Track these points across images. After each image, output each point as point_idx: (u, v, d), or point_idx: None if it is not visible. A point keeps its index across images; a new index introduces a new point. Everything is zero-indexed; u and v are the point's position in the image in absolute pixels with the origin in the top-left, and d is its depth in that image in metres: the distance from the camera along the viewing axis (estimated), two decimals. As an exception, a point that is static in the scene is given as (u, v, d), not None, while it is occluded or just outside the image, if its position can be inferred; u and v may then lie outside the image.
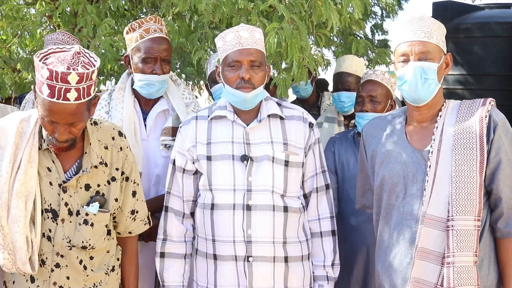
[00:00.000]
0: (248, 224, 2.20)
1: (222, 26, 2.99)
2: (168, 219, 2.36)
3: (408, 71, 2.05)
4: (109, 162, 2.09)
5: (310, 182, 2.35)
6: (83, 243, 2.02)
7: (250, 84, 2.20)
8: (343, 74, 3.47)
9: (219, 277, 2.25)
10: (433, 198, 2.02)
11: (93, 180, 2.05)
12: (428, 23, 2.10)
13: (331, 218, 2.37)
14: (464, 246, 1.97)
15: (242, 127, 2.27)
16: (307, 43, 2.73)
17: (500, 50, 5.18)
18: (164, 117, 2.69)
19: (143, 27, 2.59)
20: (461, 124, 2.05)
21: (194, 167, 2.32)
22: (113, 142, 2.11)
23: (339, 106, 3.49)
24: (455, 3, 5.34)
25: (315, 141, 2.34)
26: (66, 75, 1.82)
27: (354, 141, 2.98)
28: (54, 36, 3.23)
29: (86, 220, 2.02)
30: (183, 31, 3.19)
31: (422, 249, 2.02)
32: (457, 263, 1.96)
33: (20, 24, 3.45)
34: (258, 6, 2.71)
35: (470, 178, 1.99)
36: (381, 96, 2.89)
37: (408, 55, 2.07)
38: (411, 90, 2.06)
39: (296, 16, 2.76)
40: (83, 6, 3.33)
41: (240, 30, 2.23)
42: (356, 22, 3.93)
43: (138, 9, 4.22)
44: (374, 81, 2.92)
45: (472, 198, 1.98)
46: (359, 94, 2.95)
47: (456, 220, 1.97)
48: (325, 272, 2.35)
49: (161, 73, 2.57)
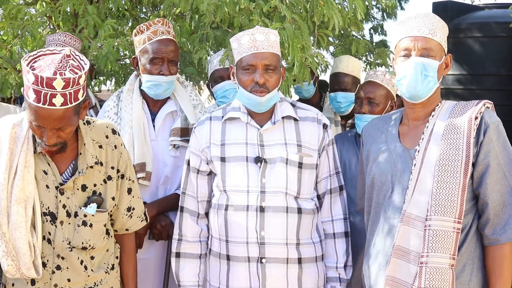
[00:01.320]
0: (261, 226, 2.20)
1: (223, 26, 2.99)
2: (183, 219, 2.37)
3: (409, 66, 2.03)
4: (104, 161, 2.08)
5: (324, 183, 2.35)
6: (83, 244, 2.02)
7: (264, 88, 2.21)
8: (339, 75, 3.48)
9: (232, 278, 2.26)
10: (414, 197, 1.99)
11: (89, 180, 2.04)
12: (433, 20, 2.08)
13: (345, 220, 2.38)
14: (440, 247, 1.93)
15: (256, 129, 2.28)
16: (308, 43, 2.73)
17: (500, 50, 5.17)
18: (172, 118, 2.72)
19: (151, 29, 2.63)
20: (450, 124, 2.02)
21: (208, 167, 2.32)
22: (107, 140, 2.10)
23: (336, 106, 3.49)
24: (455, 3, 5.34)
25: (329, 143, 2.34)
26: (51, 80, 1.79)
27: (356, 141, 2.98)
28: (56, 37, 3.24)
29: (85, 222, 2.02)
30: (184, 31, 3.19)
31: (399, 248, 2.00)
32: (430, 264, 1.93)
33: (21, 24, 3.44)
34: (260, 6, 2.71)
35: (453, 179, 1.95)
36: (379, 97, 2.88)
37: (410, 50, 2.05)
38: (410, 86, 2.04)
39: (297, 16, 2.77)
40: (83, 6, 3.32)
41: (256, 33, 2.23)
42: (355, 23, 3.94)
43: (138, 10, 4.21)
44: (374, 83, 2.91)
45: (453, 199, 1.94)
46: (357, 95, 2.94)
47: (434, 220, 1.94)
48: (337, 273, 2.35)
49: (168, 74, 2.61)
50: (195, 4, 2.80)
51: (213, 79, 3.12)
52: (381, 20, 5.46)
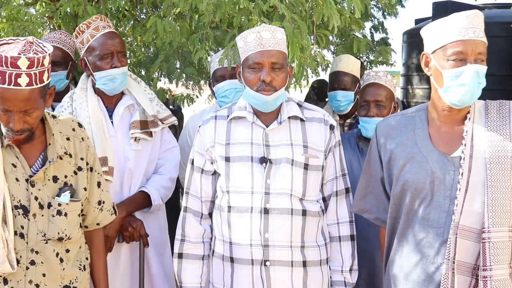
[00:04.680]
0: (265, 228, 2.18)
1: (223, 26, 2.99)
2: (186, 219, 2.34)
3: (468, 75, 1.90)
4: (73, 152, 2.10)
5: (330, 185, 2.31)
6: (59, 234, 2.02)
7: (271, 87, 2.18)
8: (339, 73, 3.47)
9: (236, 280, 2.24)
10: (465, 207, 1.92)
11: (60, 172, 2.05)
12: (482, 20, 1.96)
13: (350, 223, 2.34)
14: (501, 258, 1.90)
15: (262, 129, 2.25)
16: (308, 43, 2.73)
17: (500, 50, 5.16)
18: (129, 113, 2.74)
19: (91, 27, 2.65)
20: (492, 129, 1.95)
21: (212, 167, 2.30)
22: (74, 133, 2.12)
23: (335, 105, 3.48)
24: (455, 3, 5.33)
25: (335, 144, 2.31)
26: (15, 59, 1.81)
27: (357, 144, 2.95)
28: (52, 35, 3.24)
29: (60, 211, 2.03)
30: (184, 31, 3.19)
31: (459, 262, 1.93)
32: (494, 277, 1.88)
33: (21, 25, 3.45)
34: (259, 6, 2.71)
35: (504, 188, 1.91)
36: (386, 100, 2.85)
37: (466, 54, 1.91)
38: (467, 95, 1.92)
39: (296, 15, 2.76)
40: (83, 7, 3.33)
41: (262, 30, 2.19)
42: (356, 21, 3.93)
43: (138, 10, 4.21)
44: (379, 84, 2.87)
45: (507, 209, 1.90)
46: (364, 98, 2.89)
47: (493, 232, 1.89)
48: (342, 277, 2.32)
49: (120, 66, 2.63)
50: (194, 4, 2.80)
51: (214, 78, 3.13)
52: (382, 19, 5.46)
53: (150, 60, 3.91)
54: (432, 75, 2.04)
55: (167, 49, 3.41)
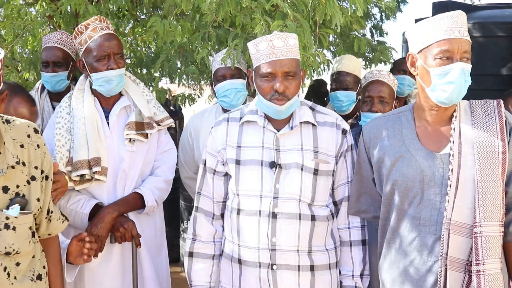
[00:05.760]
0: (273, 232, 2.18)
1: (225, 25, 2.99)
2: (197, 219, 2.35)
3: (455, 73, 1.92)
4: (27, 161, 1.94)
5: (342, 190, 2.30)
6: (6, 249, 1.88)
7: (284, 96, 2.16)
8: (341, 73, 3.46)
9: (244, 282, 2.24)
10: (457, 203, 1.94)
11: (11, 182, 1.89)
12: (465, 20, 1.99)
13: (362, 228, 2.32)
14: (492, 253, 1.90)
15: (273, 133, 2.24)
16: (310, 42, 2.72)
17: (499, 50, 5.18)
18: (126, 114, 2.74)
19: (89, 28, 2.64)
20: (479, 127, 1.97)
21: (224, 168, 2.30)
22: (29, 140, 1.97)
23: (337, 105, 3.47)
24: (455, 3, 5.34)
25: (347, 148, 2.29)
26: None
27: (356, 140, 2.96)
28: (53, 35, 3.23)
29: (7, 224, 1.88)
30: (186, 30, 3.18)
31: (451, 258, 1.94)
32: (487, 271, 1.89)
33: (21, 24, 3.44)
34: (262, 5, 2.71)
35: (494, 183, 1.91)
36: (389, 97, 2.90)
37: (453, 53, 1.93)
38: (455, 93, 1.94)
39: (299, 14, 2.76)
40: (84, 6, 3.32)
41: (274, 39, 2.16)
42: (357, 21, 3.92)
43: (139, 10, 4.20)
44: (382, 82, 2.92)
45: (497, 203, 1.91)
46: (368, 94, 2.93)
47: (484, 227, 1.90)
48: (353, 282, 2.30)
49: (116, 68, 2.62)
50: (196, 3, 2.80)
51: (215, 78, 3.12)
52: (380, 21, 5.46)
53: (151, 60, 3.91)
54: (418, 74, 2.05)
55: (169, 48, 3.40)
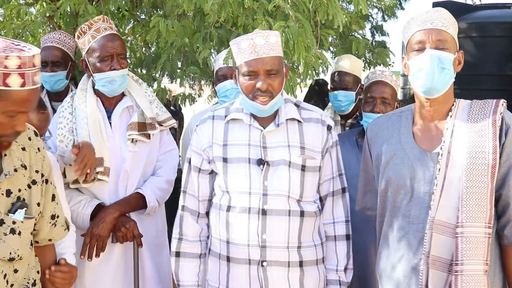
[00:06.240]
0: (263, 229, 2.18)
1: (227, 26, 2.99)
2: (184, 218, 2.34)
3: (425, 59, 1.96)
4: (28, 164, 1.89)
5: (327, 185, 2.31)
6: (11, 254, 1.81)
7: (267, 93, 2.16)
8: (341, 73, 3.46)
9: (232, 279, 2.24)
10: (441, 202, 1.93)
11: (14, 185, 1.84)
12: (445, 15, 2.03)
13: (346, 223, 2.33)
14: (474, 254, 1.88)
15: (259, 130, 2.24)
16: (312, 42, 2.72)
17: (499, 50, 5.19)
18: (129, 114, 2.73)
19: (93, 28, 2.64)
20: (473, 126, 1.96)
21: (210, 167, 2.30)
22: (30, 142, 1.92)
23: (336, 105, 3.47)
24: (455, 3, 5.35)
25: (332, 144, 2.30)
26: None
27: (357, 141, 2.96)
28: (52, 35, 3.22)
29: (13, 229, 1.82)
30: (187, 30, 3.18)
31: (433, 257, 1.94)
32: (465, 272, 1.88)
33: (21, 24, 3.43)
34: (263, 6, 2.71)
35: (481, 183, 1.90)
36: (391, 98, 2.89)
37: (424, 42, 1.98)
38: (427, 79, 1.96)
39: (300, 15, 2.76)
40: (83, 6, 3.31)
41: (255, 37, 2.15)
42: (356, 21, 3.93)
43: (139, 10, 4.20)
44: (385, 83, 2.90)
45: (483, 204, 1.89)
46: (370, 94, 2.91)
47: (466, 227, 1.89)
48: (337, 276, 2.31)
49: (119, 68, 2.62)
50: (198, 4, 2.79)
51: (217, 77, 3.12)
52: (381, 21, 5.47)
53: (152, 60, 3.90)
54: (407, 72, 2.09)
55: (170, 48, 3.40)
